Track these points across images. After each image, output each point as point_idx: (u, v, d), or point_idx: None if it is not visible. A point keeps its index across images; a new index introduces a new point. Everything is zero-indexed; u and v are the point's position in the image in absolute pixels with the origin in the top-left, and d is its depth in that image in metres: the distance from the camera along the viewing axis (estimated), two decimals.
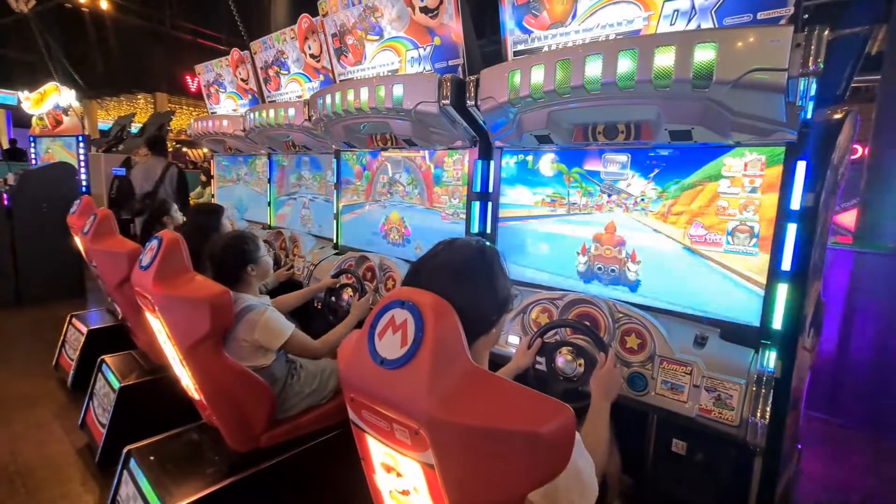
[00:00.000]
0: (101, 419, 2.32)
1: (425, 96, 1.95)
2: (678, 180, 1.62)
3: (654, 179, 1.68)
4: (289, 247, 3.09)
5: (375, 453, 0.92)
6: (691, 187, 1.60)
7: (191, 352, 1.52)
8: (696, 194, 1.59)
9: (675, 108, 1.42)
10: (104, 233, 2.37)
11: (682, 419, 1.42)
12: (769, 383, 1.32)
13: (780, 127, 1.36)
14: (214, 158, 4.34)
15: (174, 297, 1.51)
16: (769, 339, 1.46)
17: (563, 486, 0.80)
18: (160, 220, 2.83)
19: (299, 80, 3.23)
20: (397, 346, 0.81)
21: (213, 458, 1.72)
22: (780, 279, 1.45)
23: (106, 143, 6.78)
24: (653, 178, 1.68)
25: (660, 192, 1.67)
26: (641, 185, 1.71)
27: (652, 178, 1.68)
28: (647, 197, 1.69)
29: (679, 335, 1.55)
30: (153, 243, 1.61)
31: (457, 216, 2.25)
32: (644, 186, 1.70)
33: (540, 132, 1.79)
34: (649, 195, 1.69)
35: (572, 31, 1.79)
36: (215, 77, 4.06)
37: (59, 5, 9.93)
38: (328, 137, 2.69)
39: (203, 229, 2.19)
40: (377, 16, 2.36)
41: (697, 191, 1.59)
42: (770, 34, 1.22)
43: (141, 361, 2.48)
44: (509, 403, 0.76)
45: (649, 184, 1.69)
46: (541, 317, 1.79)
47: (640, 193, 1.71)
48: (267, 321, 1.69)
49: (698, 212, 1.59)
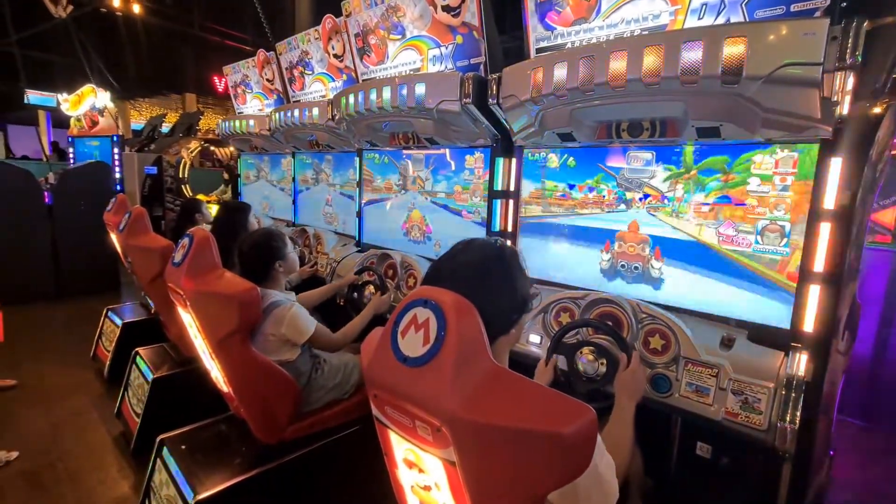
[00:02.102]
0: (136, 409, 2.42)
1: (447, 95, 1.95)
2: (706, 178, 1.59)
3: (680, 176, 1.64)
4: (312, 244, 3.15)
5: (398, 449, 0.94)
6: (719, 185, 1.56)
7: (220, 346, 1.58)
8: (724, 192, 1.56)
9: (703, 105, 1.39)
10: (139, 230, 2.47)
11: (708, 422, 1.39)
12: (799, 387, 1.28)
13: (814, 123, 1.32)
14: (241, 157, 4.44)
15: (205, 293, 1.57)
16: (800, 341, 1.42)
17: (583, 487, 0.80)
18: (191, 218, 2.93)
19: (323, 80, 3.28)
20: (420, 344, 0.82)
21: (240, 448, 1.78)
22: (811, 280, 1.40)
23: (138, 143, 7.03)
24: (679, 176, 1.64)
25: (685, 189, 1.63)
26: (666, 182, 1.68)
27: (678, 175, 1.65)
28: (673, 194, 1.66)
29: (705, 336, 1.52)
30: (185, 240, 1.67)
31: (478, 214, 2.25)
32: (669, 184, 1.67)
33: (562, 130, 1.78)
34: (674, 193, 1.66)
35: (596, 27, 1.76)
36: (242, 78, 4.15)
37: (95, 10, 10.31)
38: (351, 136, 2.73)
39: (232, 226, 2.26)
40: (399, 15, 2.38)
41: (726, 188, 1.55)
42: (804, 27, 1.18)
43: (172, 354, 2.58)
44: (531, 403, 0.76)
45: (675, 181, 1.65)
46: (563, 316, 1.78)
47: (665, 191, 1.68)
48: (294, 316, 1.74)
49: (726, 210, 1.55)
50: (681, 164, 1.63)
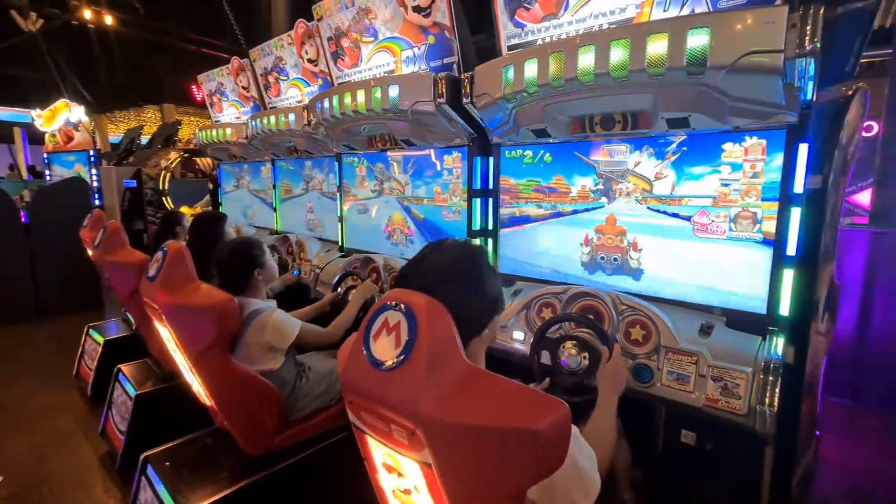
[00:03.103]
0: (120, 427, 2.38)
1: (421, 96, 1.95)
2: (678, 168, 1.60)
3: (654, 168, 1.65)
4: (295, 251, 3.12)
5: (376, 454, 0.93)
6: (692, 174, 1.58)
7: (199, 359, 1.55)
8: (696, 181, 1.57)
9: (671, 96, 1.41)
10: (114, 245, 2.42)
11: (690, 410, 1.40)
12: (777, 370, 1.30)
13: (780, 110, 1.34)
14: (220, 166, 4.39)
15: (180, 306, 1.54)
16: (776, 325, 1.44)
17: (562, 482, 0.80)
18: (172, 231, 2.88)
19: (298, 86, 3.25)
20: (392, 347, 0.82)
21: (227, 461, 1.76)
22: (785, 264, 1.42)
23: (116, 157, 6.91)
24: (652, 167, 1.66)
25: (660, 180, 1.65)
26: (641, 173, 1.69)
27: (652, 166, 1.66)
28: (647, 185, 1.68)
29: (684, 325, 1.53)
30: (158, 254, 1.64)
31: (458, 214, 2.25)
32: (643, 175, 1.68)
33: (536, 126, 1.78)
34: (649, 184, 1.67)
35: (565, 22, 1.77)
36: (217, 86, 4.11)
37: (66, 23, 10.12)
38: (329, 141, 2.71)
39: (208, 238, 2.23)
40: (371, 17, 2.37)
41: (698, 178, 1.57)
42: (764, 15, 1.19)
43: (155, 369, 2.54)
44: (504, 401, 0.76)
45: (649, 172, 1.67)
46: (545, 311, 1.79)
47: (640, 182, 1.69)
48: (276, 321, 1.73)
49: (699, 199, 1.57)
50: (654, 155, 1.65)
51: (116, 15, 10.38)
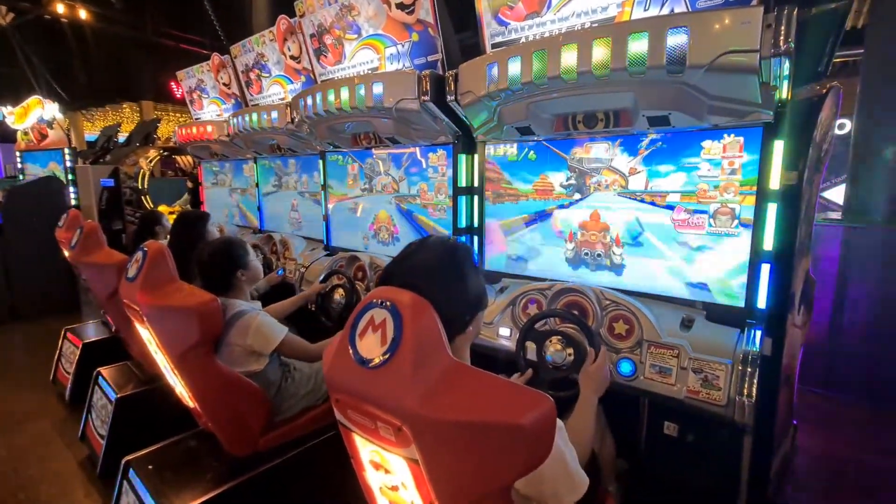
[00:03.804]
0: (101, 431, 2.33)
1: (405, 94, 1.94)
2: (660, 165, 1.63)
3: (636, 165, 1.68)
4: (280, 250, 3.09)
5: (363, 451, 0.93)
6: (673, 171, 1.61)
7: (181, 361, 1.53)
8: (677, 178, 1.60)
9: (651, 94, 1.43)
10: (92, 245, 2.37)
11: (672, 402, 1.43)
12: (755, 362, 1.34)
13: (756, 108, 1.37)
14: (201, 165, 4.32)
15: (161, 308, 1.52)
16: (754, 318, 1.48)
17: (549, 474, 0.81)
18: (152, 231, 2.83)
19: (281, 83, 3.21)
20: (377, 345, 0.82)
21: (211, 463, 1.73)
22: (762, 259, 1.46)
23: (93, 155, 6.73)
24: (635, 164, 1.69)
25: (642, 177, 1.67)
26: (623, 170, 1.71)
27: (634, 164, 1.69)
28: (630, 182, 1.70)
29: (666, 319, 1.56)
30: (138, 254, 1.61)
31: (444, 211, 2.25)
32: (626, 172, 1.71)
33: (521, 124, 1.79)
34: (632, 180, 1.70)
35: (548, 20, 1.78)
36: (197, 83, 4.03)
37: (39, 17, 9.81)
38: (313, 139, 2.69)
39: (190, 237, 2.19)
40: (354, 14, 2.35)
41: (679, 174, 1.60)
42: (741, 16, 1.22)
43: (136, 372, 2.49)
44: (490, 396, 0.77)
45: (631, 169, 1.70)
46: (531, 307, 1.80)
47: (623, 179, 1.72)
48: (259, 325, 1.70)
49: (680, 195, 1.60)
50: (636, 152, 1.67)
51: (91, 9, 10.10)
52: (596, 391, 1.33)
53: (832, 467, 2.32)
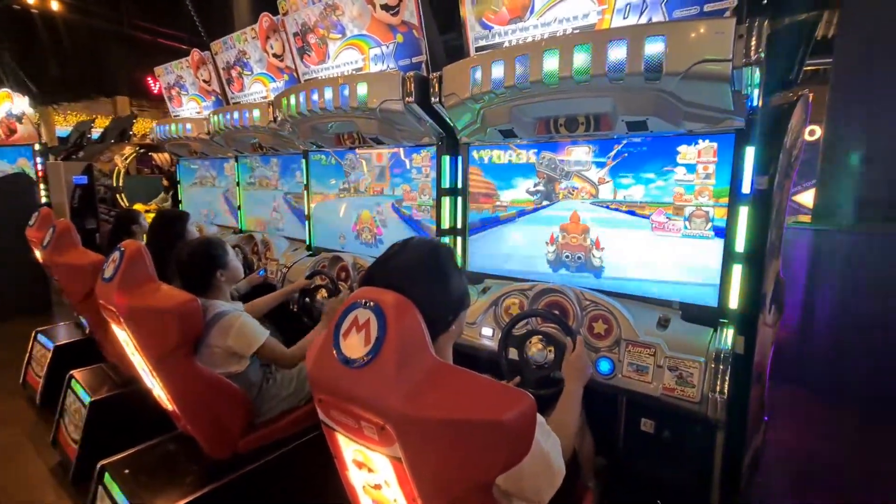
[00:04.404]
0: (73, 435, 2.26)
1: (389, 94, 1.95)
2: (638, 169, 1.68)
3: (616, 168, 1.72)
4: (261, 250, 3.05)
5: (346, 451, 0.94)
6: (650, 175, 1.65)
7: (160, 362, 1.50)
8: (654, 182, 1.65)
9: (630, 100, 1.47)
10: (65, 245, 2.30)
11: (649, 399, 1.47)
12: (727, 360, 1.39)
13: (729, 115, 1.42)
14: (179, 163, 4.23)
15: (140, 308, 1.49)
16: (727, 317, 1.53)
17: (529, 469, 0.83)
18: (128, 230, 2.76)
19: (263, 81, 3.17)
20: (361, 345, 0.82)
21: (190, 467, 1.71)
22: (734, 260, 1.52)
23: (65, 151, 6.52)
24: (615, 168, 1.73)
25: (621, 181, 1.72)
26: (604, 174, 1.75)
27: (614, 167, 1.73)
28: (610, 186, 1.74)
29: (643, 318, 1.60)
30: (115, 254, 1.57)
31: (427, 212, 2.26)
32: (606, 176, 1.75)
33: (504, 127, 1.82)
34: (611, 184, 1.74)
35: (531, 25, 1.81)
36: (176, 79, 3.95)
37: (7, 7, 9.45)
38: (295, 138, 2.67)
39: (169, 237, 2.15)
40: (338, 14, 2.34)
41: (656, 179, 1.64)
42: (715, 26, 1.26)
43: (111, 374, 2.43)
44: (472, 394, 0.79)
45: (611, 173, 1.74)
46: (513, 308, 1.83)
47: (603, 182, 1.76)
48: (241, 327, 1.68)
49: (658, 198, 1.64)
50: (616, 156, 1.72)
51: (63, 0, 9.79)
52: (579, 379, 1.36)
53: (801, 461, 2.40)
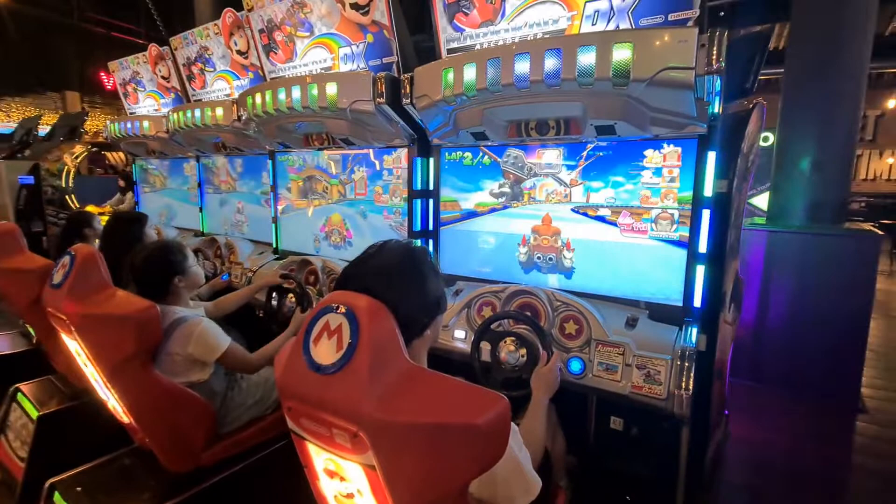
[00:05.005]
0: (20, 453, 2.10)
1: (360, 95, 1.92)
2: (607, 172, 1.71)
3: (585, 171, 1.76)
4: (224, 254, 2.94)
5: (317, 460, 0.91)
6: (619, 179, 1.69)
7: (115, 372, 1.42)
8: (621, 185, 1.69)
9: (599, 105, 1.50)
10: (9, 249, 2.14)
11: (618, 397, 1.50)
12: (691, 357, 1.43)
13: (692, 121, 1.47)
14: (136, 163, 4.04)
15: (93, 316, 1.40)
16: (691, 316, 1.58)
17: (502, 473, 0.83)
18: (80, 233, 2.60)
19: (227, 78, 3.07)
20: (333, 350, 0.80)
21: (148, 482, 1.62)
22: (698, 261, 1.57)
23: (9, 149, 6.11)
24: (584, 171, 1.76)
25: (590, 184, 1.75)
26: (574, 177, 1.79)
27: (584, 170, 1.76)
28: (580, 189, 1.77)
29: (612, 318, 1.64)
30: (65, 259, 1.48)
31: (399, 215, 2.24)
32: (577, 178, 1.78)
33: (475, 129, 1.82)
34: (581, 187, 1.77)
35: (502, 29, 1.82)
36: (132, 75, 3.77)
37: None
38: (261, 138, 2.59)
39: (125, 240, 2.04)
40: (306, 11, 2.29)
41: (623, 182, 1.68)
42: (678, 35, 1.31)
43: (61, 386, 2.28)
44: (446, 398, 0.77)
45: (581, 176, 1.77)
46: (485, 310, 1.83)
47: (574, 184, 1.79)
48: (202, 333, 1.61)
49: (626, 202, 1.69)
50: (585, 159, 1.75)
51: None
52: (547, 393, 1.37)
53: (758, 452, 2.52)
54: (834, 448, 2.59)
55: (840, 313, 2.96)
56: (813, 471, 2.35)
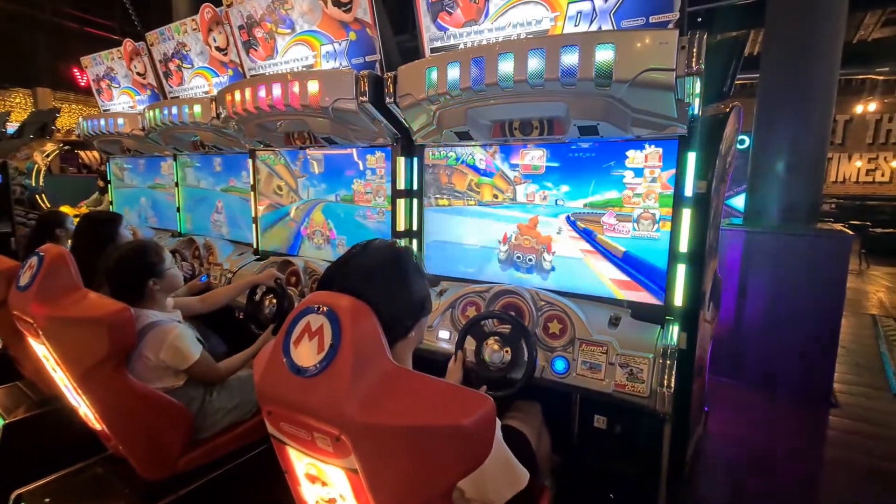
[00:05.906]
0: None
1: (342, 93, 1.89)
2: (589, 172, 1.72)
3: (567, 171, 1.77)
4: (203, 255, 2.87)
5: (298, 465, 0.88)
6: (603, 180, 1.71)
7: (87, 377, 1.36)
8: (605, 185, 1.70)
9: (582, 105, 1.51)
10: None
11: (601, 395, 1.51)
12: (673, 355, 1.45)
13: (672, 122, 1.49)
14: (110, 161, 3.92)
15: (62, 319, 1.34)
16: (672, 315, 1.60)
17: (490, 470, 0.82)
18: (52, 234, 2.50)
19: (205, 75, 3.00)
20: (314, 352, 0.78)
21: (122, 491, 1.56)
22: (678, 260, 1.59)
23: None
24: (566, 171, 1.77)
25: (572, 184, 1.76)
26: (556, 177, 1.79)
27: (566, 170, 1.77)
28: (561, 189, 1.78)
29: (595, 317, 1.65)
30: (33, 260, 1.42)
31: (382, 214, 2.22)
32: (558, 178, 1.79)
33: (459, 129, 1.81)
34: (563, 187, 1.78)
35: (485, 29, 1.82)
36: (106, 71, 3.66)
37: None
38: (241, 136, 2.54)
39: (98, 241, 1.97)
40: (287, 8, 2.26)
41: (607, 182, 1.70)
42: (659, 37, 1.32)
43: (29, 393, 2.19)
44: (430, 399, 0.76)
45: (563, 176, 1.78)
46: (469, 310, 1.82)
47: (554, 184, 1.79)
48: (175, 340, 1.54)
49: (608, 201, 1.70)
50: (569, 159, 1.76)
51: None
52: None
53: (736, 447, 2.57)
54: (807, 441, 2.66)
55: (813, 311, 3.04)
56: (788, 464, 2.41)
